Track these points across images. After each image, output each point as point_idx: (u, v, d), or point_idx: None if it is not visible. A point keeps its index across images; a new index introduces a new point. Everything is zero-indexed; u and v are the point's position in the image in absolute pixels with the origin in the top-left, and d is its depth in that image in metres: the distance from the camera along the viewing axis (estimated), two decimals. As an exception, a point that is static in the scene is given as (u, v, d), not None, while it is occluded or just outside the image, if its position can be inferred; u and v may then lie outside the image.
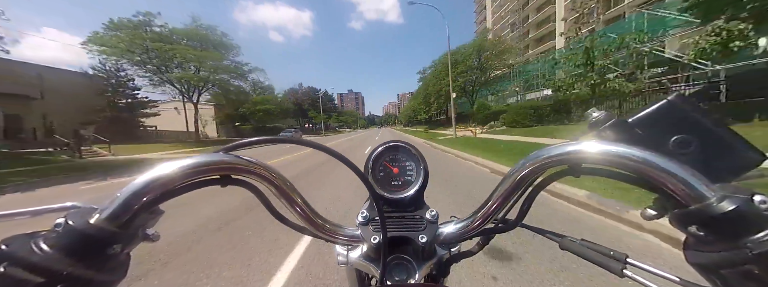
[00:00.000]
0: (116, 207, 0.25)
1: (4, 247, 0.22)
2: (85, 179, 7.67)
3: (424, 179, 0.44)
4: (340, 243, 0.42)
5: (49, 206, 0.29)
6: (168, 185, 0.27)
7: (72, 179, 7.66)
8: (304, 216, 0.38)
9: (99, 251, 0.24)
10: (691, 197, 0.25)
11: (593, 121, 0.33)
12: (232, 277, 2.01)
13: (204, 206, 3.81)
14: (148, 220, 0.29)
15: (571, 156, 0.29)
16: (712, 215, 0.23)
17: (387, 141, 0.47)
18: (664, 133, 0.30)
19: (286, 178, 0.35)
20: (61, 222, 0.24)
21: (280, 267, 2.12)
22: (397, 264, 0.40)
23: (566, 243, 0.37)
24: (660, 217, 0.29)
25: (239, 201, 3.86)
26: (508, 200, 0.36)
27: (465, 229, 0.40)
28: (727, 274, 0.22)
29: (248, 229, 2.94)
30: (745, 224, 0.22)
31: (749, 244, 0.21)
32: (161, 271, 2.13)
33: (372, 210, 0.41)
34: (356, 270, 0.48)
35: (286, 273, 2.04)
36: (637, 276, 0.30)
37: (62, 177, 7.88)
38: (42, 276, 0.21)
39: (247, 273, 2.06)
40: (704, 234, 0.24)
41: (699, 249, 0.25)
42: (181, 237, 2.79)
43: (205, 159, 0.29)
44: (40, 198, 5.63)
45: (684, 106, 0.30)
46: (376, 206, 0.37)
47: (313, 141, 0.36)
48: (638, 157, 0.26)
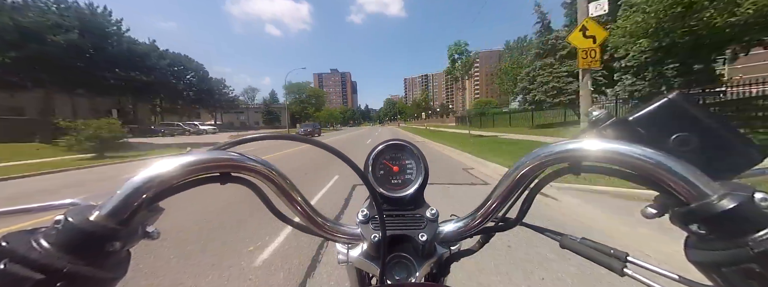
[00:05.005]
0: (116, 204, 0.25)
1: (4, 244, 0.22)
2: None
3: (424, 178, 0.44)
4: (340, 241, 0.42)
5: (49, 203, 0.29)
6: (167, 182, 0.27)
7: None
8: (303, 214, 0.38)
9: (99, 248, 0.24)
10: (691, 195, 0.24)
11: (594, 119, 0.33)
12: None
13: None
14: (149, 217, 0.29)
15: (572, 154, 0.29)
16: (712, 213, 0.23)
17: (387, 140, 0.47)
18: (664, 130, 0.30)
19: (286, 176, 0.35)
20: (60, 218, 0.24)
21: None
22: (397, 262, 0.40)
23: (566, 242, 0.37)
24: (661, 215, 0.29)
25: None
26: (508, 198, 0.36)
27: (465, 228, 0.40)
28: (728, 272, 0.22)
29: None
30: (746, 222, 0.22)
31: (750, 242, 0.21)
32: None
33: (372, 209, 0.41)
34: (356, 269, 0.48)
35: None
36: (637, 275, 0.30)
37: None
38: (42, 273, 0.21)
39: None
40: (705, 232, 0.24)
41: (700, 248, 0.25)
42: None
43: (205, 157, 0.29)
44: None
45: (684, 104, 0.30)
46: (375, 204, 0.37)
47: (314, 139, 0.36)
48: (639, 155, 0.26)
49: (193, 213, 3.37)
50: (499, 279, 1.88)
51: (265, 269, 2.11)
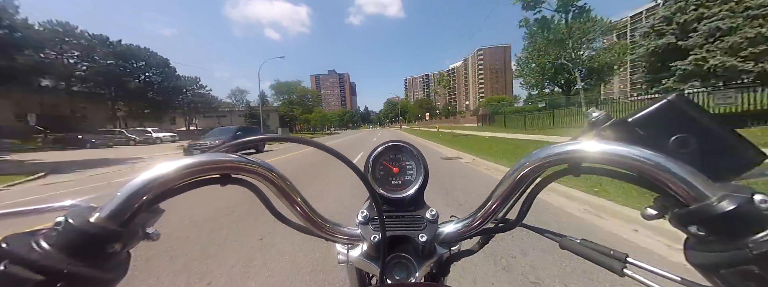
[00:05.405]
0: (116, 205, 0.25)
1: (5, 245, 0.22)
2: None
3: (424, 178, 0.44)
4: (341, 242, 0.42)
5: (49, 204, 0.29)
6: (168, 184, 0.27)
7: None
8: (304, 215, 0.38)
9: (99, 249, 0.24)
10: (691, 196, 0.24)
11: (593, 120, 0.33)
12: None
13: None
14: (149, 219, 0.29)
15: (571, 155, 0.29)
16: (712, 214, 0.23)
17: (387, 141, 0.46)
18: (664, 132, 0.30)
19: (287, 177, 0.35)
20: (61, 220, 0.24)
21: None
22: (397, 263, 0.40)
23: (566, 243, 0.37)
24: (660, 217, 0.29)
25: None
26: (508, 200, 0.36)
27: (465, 229, 0.40)
28: (728, 274, 0.22)
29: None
30: (746, 224, 0.22)
31: (750, 244, 0.21)
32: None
33: (372, 210, 0.41)
34: (356, 269, 0.49)
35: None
36: (637, 276, 0.29)
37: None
38: (42, 275, 0.21)
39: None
40: (704, 234, 0.24)
41: (699, 249, 0.25)
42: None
43: (205, 158, 0.29)
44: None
45: (684, 105, 0.30)
46: (375, 205, 0.37)
47: (313, 140, 0.36)
48: (638, 156, 0.26)
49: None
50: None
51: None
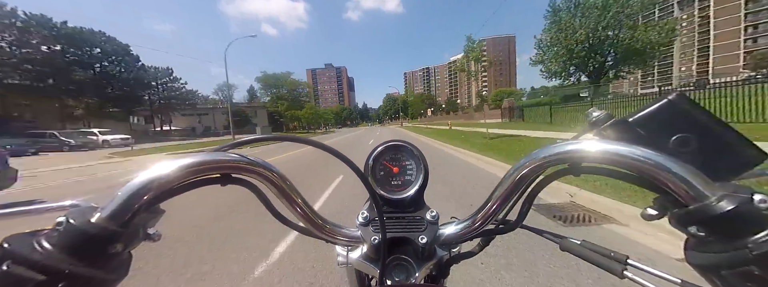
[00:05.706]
0: (117, 206, 0.25)
1: (6, 245, 0.22)
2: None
3: (425, 179, 0.44)
4: (341, 243, 0.42)
5: (50, 204, 0.29)
6: (168, 184, 0.27)
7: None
8: (304, 216, 0.38)
9: (101, 250, 0.24)
10: (690, 196, 0.24)
11: (593, 120, 0.33)
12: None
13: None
14: (149, 219, 0.29)
15: (572, 154, 0.29)
16: (711, 215, 0.23)
17: (386, 141, 0.46)
18: (664, 132, 0.30)
19: (287, 178, 0.35)
20: (62, 220, 0.24)
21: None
22: (397, 264, 0.40)
23: (567, 244, 0.36)
24: (660, 217, 0.29)
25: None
26: (508, 200, 0.35)
27: (465, 230, 0.40)
28: (728, 275, 0.22)
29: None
30: (745, 224, 0.22)
31: (749, 245, 0.21)
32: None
33: (372, 211, 0.41)
34: (356, 271, 0.49)
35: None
36: (637, 278, 0.29)
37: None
38: (44, 275, 0.21)
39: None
40: (704, 234, 0.23)
41: (699, 250, 0.24)
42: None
43: (205, 158, 0.29)
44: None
45: (684, 105, 0.30)
46: (375, 206, 0.37)
47: (314, 139, 0.36)
48: (638, 156, 0.26)
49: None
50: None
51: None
